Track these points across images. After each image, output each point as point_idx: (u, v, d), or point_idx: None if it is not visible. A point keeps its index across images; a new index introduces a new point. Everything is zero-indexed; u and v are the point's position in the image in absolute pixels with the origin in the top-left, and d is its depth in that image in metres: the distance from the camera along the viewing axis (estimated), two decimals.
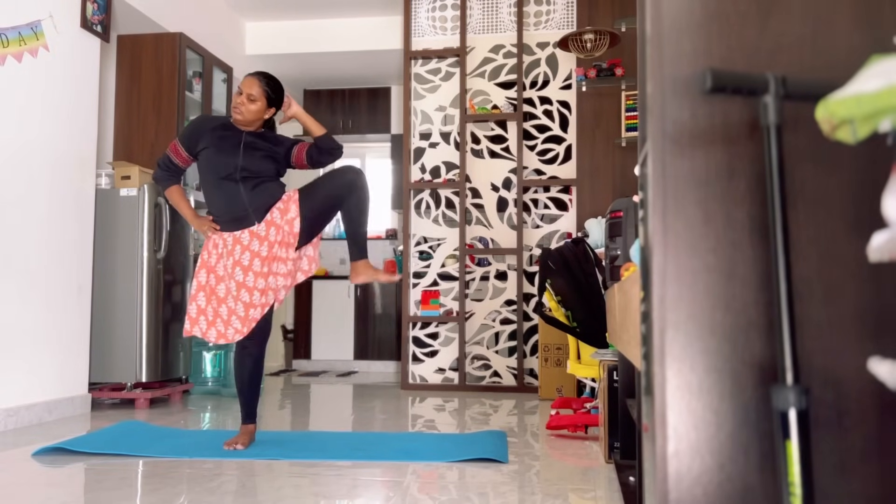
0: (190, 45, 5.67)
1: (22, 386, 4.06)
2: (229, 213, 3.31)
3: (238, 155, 3.30)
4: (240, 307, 3.27)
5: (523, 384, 5.69)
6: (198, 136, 3.36)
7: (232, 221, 3.31)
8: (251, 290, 3.27)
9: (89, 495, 2.60)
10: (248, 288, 3.27)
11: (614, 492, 2.66)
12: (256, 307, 3.29)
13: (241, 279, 3.27)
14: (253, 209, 3.30)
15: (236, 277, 3.27)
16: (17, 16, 4.09)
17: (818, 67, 1.19)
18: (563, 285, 3.77)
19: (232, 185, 3.29)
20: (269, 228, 3.30)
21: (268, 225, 3.31)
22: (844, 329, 1.15)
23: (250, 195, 3.30)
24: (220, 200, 3.32)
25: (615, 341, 2.46)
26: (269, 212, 3.32)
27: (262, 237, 3.29)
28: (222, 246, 3.32)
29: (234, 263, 3.28)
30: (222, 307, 3.29)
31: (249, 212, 3.30)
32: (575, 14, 5.89)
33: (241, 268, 3.28)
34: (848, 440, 1.14)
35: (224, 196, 3.30)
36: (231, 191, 3.29)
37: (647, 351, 1.32)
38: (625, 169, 5.73)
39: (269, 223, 3.31)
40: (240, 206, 3.29)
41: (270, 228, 3.31)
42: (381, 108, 8.07)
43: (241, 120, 3.33)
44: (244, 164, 3.30)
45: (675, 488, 1.15)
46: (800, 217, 1.17)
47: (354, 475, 2.91)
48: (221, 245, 3.32)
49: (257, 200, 3.30)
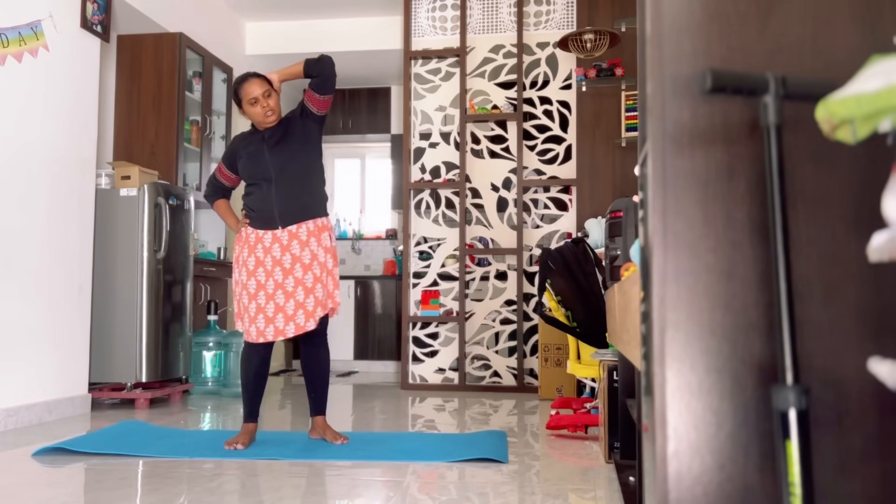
0: (190, 45, 5.68)
1: (22, 386, 4.06)
2: (260, 212, 3.43)
3: (264, 154, 3.42)
4: (270, 307, 3.36)
5: (523, 384, 5.69)
6: (234, 154, 3.53)
7: (260, 220, 3.43)
8: (269, 297, 3.37)
9: (89, 495, 2.60)
10: (268, 294, 3.37)
11: (614, 492, 2.66)
12: (284, 315, 3.37)
13: (263, 281, 3.38)
14: (279, 212, 3.39)
15: (258, 277, 3.38)
16: (17, 16, 4.09)
17: (818, 67, 1.19)
18: (563, 285, 3.77)
19: (266, 186, 3.41)
20: (291, 240, 3.39)
21: (291, 236, 3.39)
22: (844, 329, 1.15)
23: (279, 196, 3.39)
24: (255, 199, 3.45)
25: (615, 341, 2.46)
26: (297, 224, 3.41)
27: (285, 246, 3.39)
28: (245, 240, 3.44)
29: (256, 262, 3.39)
30: (270, 304, 3.37)
31: (276, 214, 3.39)
32: (575, 14, 5.89)
33: (265, 270, 3.38)
34: (848, 440, 1.14)
35: (259, 196, 3.43)
36: (264, 192, 3.41)
37: (647, 351, 1.32)
38: (625, 169, 5.73)
39: (294, 235, 3.40)
40: (268, 207, 3.41)
41: (294, 240, 3.39)
42: (381, 108, 8.07)
43: (274, 118, 3.43)
44: (271, 160, 3.40)
45: (675, 488, 1.15)
46: (800, 217, 1.17)
47: (354, 475, 2.91)
48: (244, 239, 3.45)
49: (285, 204, 3.39)
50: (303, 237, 3.39)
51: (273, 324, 3.33)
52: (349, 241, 8.33)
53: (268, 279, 3.35)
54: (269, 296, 3.34)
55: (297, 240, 3.38)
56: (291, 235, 3.38)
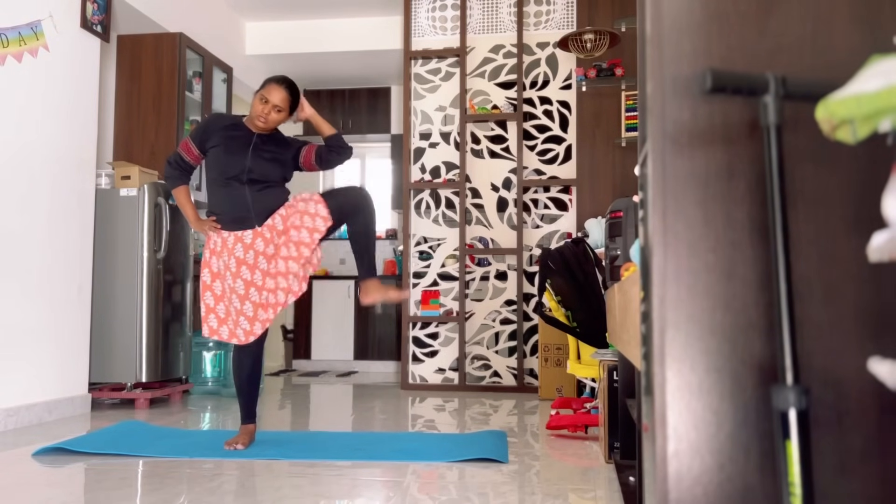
0: (190, 45, 5.67)
1: (22, 386, 4.06)
2: (232, 214, 3.31)
3: (246, 156, 3.31)
4: (248, 307, 3.28)
5: (523, 384, 5.69)
6: (209, 133, 3.37)
7: (233, 221, 3.31)
8: (260, 288, 3.28)
9: (89, 495, 2.60)
10: (258, 287, 3.28)
11: (614, 492, 2.66)
12: (268, 307, 3.30)
13: (249, 278, 3.28)
14: (255, 212, 3.30)
15: (243, 276, 3.28)
16: (17, 16, 4.09)
17: (818, 67, 1.19)
18: (563, 285, 3.77)
19: (238, 186, 3.30)
20: (271, 232, 3.31)
21: (269, 229, 3.31)
22: (844, 329, 1.15)
23: (254, 197, 3.30)
24: (224, 200, 3.32)
25: (615, 341, 2.46)
26: (271, 216, 3.32)
27: (268, 239, 3.30)
28: (221, 245, 3.32)
29: (238, 262, 3.28)
30: (220, 305, 3.30)
31: (252, 214, 3.30)
32: (575, 14, 5.89)
33: (248, 266, 3.28)
34: (848, 440, 1.14)
35: (228, 196, 3.31)
36: (236, 191, 3.30)
37: (647, 351, 1.32)
38: (625, 169, 5.73)
39: (271, 227, 3.31)
40: (243, 208, 3.30)
41: (273, 232, 3.31)
42: (381, 108, 8.07)
43: (264, 128, 3.35)
44: (251, 166, 3.30)
45: (675, 488, 1.15)
46: (800, 217, 1.17)
47: (354, 475, 2.91)
48: (221, 244, 3.32)
49: (260, 204, 3.31)
50: (278, 226, 3.31)
51: (258, 320, 3.31)
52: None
53: (253, 273, 3.28)
54: (259, 288, 3.29)
55: (274, 231, 3.31)
56: (269, 227, 3.31)
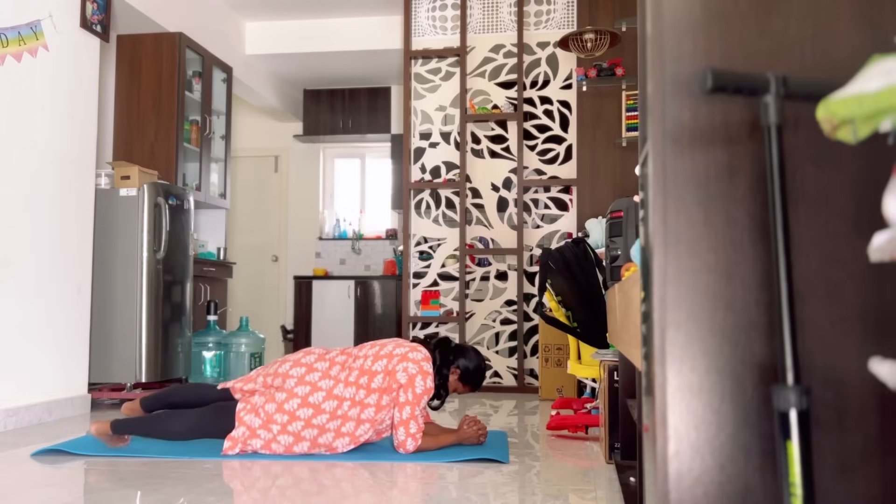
0: (190, 44, 5.67)
1: (22, 386, 4.05)
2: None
3: None
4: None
5: (524, 384, 5.69)
6: None
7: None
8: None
9: (89, 495, 2.60)
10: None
11: (615, 492, 2.66)
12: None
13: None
14: None
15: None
16: (16, 16, 4.09)
17: (819, 67, 1.18)
18: (563, 285, 3.77)
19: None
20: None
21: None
22: (845, 329, 1.15)
23: None
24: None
25: (615, 341, 2.46)
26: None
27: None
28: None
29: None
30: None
31: None
32: (575, 14, 5.89)
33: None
34: (849, 440, 1.14)
35: None
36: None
37: (647, 351, 1.32)
38: (625, 169, 5.73)
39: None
40: None
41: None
42: (381, 108, 8.08)
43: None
44: None
45: (675, 489, 1.15)
46: (800, 217, 1.17)
47: (354, 475, 2.90)
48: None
49: None
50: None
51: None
52: (349, 241, 8.33)
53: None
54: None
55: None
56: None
